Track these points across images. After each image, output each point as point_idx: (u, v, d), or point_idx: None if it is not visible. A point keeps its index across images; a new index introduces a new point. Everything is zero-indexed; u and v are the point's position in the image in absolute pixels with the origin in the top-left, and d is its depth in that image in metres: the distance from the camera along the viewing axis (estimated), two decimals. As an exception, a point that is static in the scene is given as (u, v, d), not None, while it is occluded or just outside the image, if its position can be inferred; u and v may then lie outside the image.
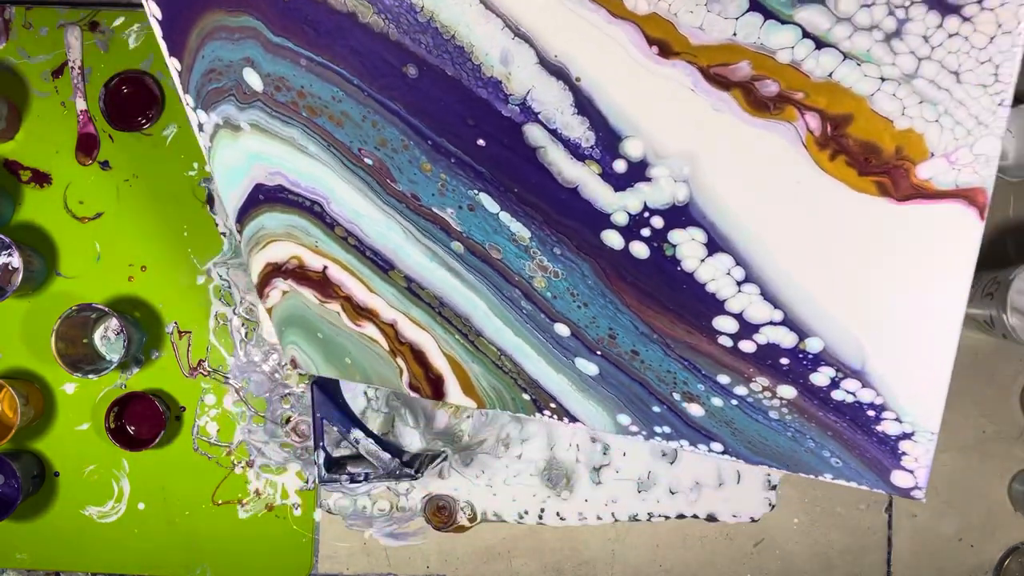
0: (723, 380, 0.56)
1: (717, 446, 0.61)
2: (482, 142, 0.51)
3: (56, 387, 0.86)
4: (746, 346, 0.53)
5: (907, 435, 0.54)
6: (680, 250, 0.51)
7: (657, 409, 0.60)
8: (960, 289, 0.48)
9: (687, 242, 0.50)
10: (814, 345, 0.52)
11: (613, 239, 0.52)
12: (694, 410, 0.59)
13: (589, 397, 0.62)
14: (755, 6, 0.43)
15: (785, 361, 0.53)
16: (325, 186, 0.58)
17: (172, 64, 0.56)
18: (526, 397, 0.64)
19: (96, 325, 0.87)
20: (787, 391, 0.55)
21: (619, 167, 0.49)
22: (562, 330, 0.58)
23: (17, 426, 0.81)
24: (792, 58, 0.44)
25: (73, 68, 0.86)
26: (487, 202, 0.54)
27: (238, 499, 0.86)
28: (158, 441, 0.83)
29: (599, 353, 0.59)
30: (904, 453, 0.54)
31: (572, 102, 0.48)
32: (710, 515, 0.84)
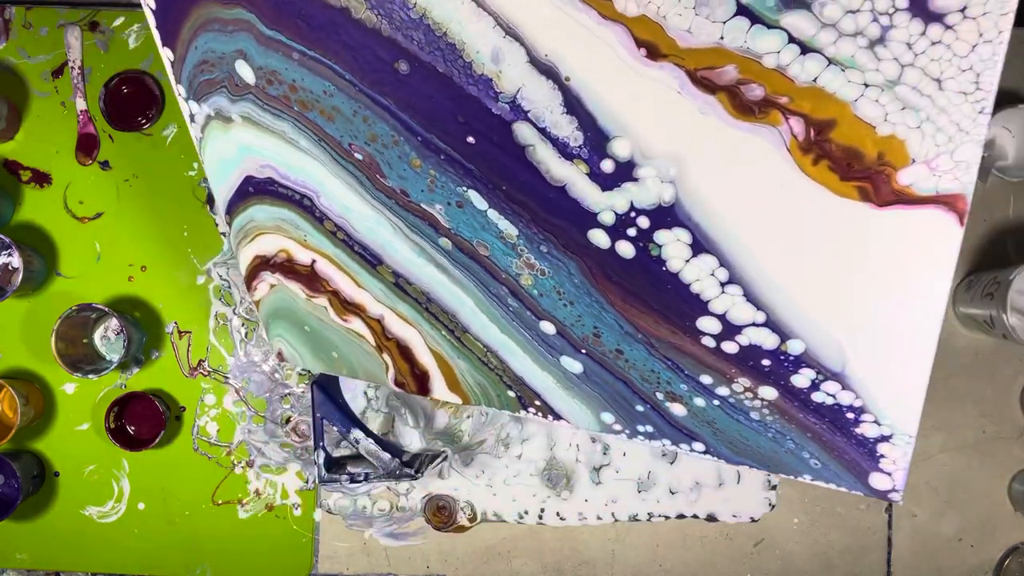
0: (706, 380, 0.57)
1: (699, 446, 0.61)
2: (472, 139, 0.51)
3: (56, 387, 0.86)
4: (729, 347, 0.54)
5: (885, 438, 0.54)
6: (665, 250, 0.51)
7: (640, 408, 0.61)
8: (939, 295, 0.49)
9: (672, 243, 0.51)
10: (795, 347, 0.52)
11: (599, 238, 0.53)
12: (677, 410, 0.59)
13: (573, 395, 0.62)
14: (742, 10, 0.43)
15: (767, 362, 0.54)
16: (315, 180, 0.59)
17: (165, 54, 0.57)
18: (511, 394, 0.65)
19: (96, 325, 0.87)
20: (768, 392, 0.55)
21: (606, 167, 0.50)
22: (548, 328, 0.59)
23: (17, 426, 0.81)
24: (778, 63, 0.44)
25: (73, 68, 0.86)
26: (476, 199, 0.54)
27: (238, 499, 0.86)
28: (158, 441, 0.83)
29: (584, 351, 0.59)
30: (882, 456, 0.55)
31: (561, 101, 0.48)
32: (710, 515, 0.84)
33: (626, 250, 0.52)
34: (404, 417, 0.84)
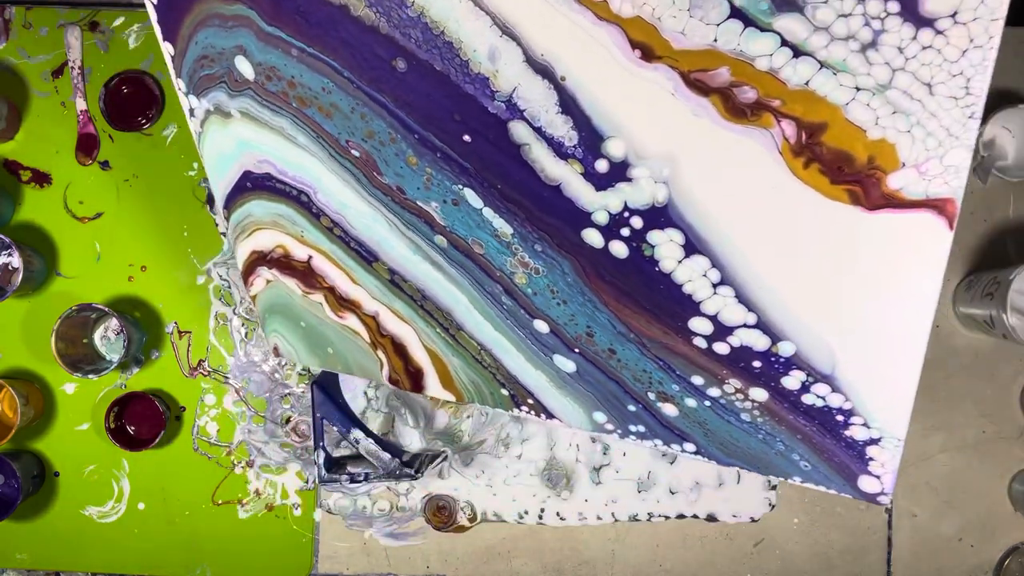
0: (697, 381, 0.57)
1: (690, 446, 0.62)
2: (468, 138, 0.52)
3: (56, 387, 0.86)
4: (720, 348, 0.54)
5: (874, 441, 0.54)
6: (658, 251, 0.52)
7: (632, 408, 0.61)
8: (929, 299, 0.49)
9: (665, 243, 0.51)
10: (786, 349, 0.53)
11: (593, 238, 0.53)
12: (668, 410, 0.60)
13: (566, 394, 0.63)
14: (736, 13, 0.44)
15: (757, 364, 0.54)
16: (312, 176, 0.59)
17: (166, 48, 0.57)
18: (504, 392, 0.65)
19: (96, 325, 0.87)
20: (759, 394, 0.56)
21: (601, 167, 0.50)
22: (541, 327, 0.59)
23: (17, 426, 0.81)
24: (770, 66, 0.45)
25: (73, 68, 0.86)
26: (471, 197, 0.55)
27: (238, 499, 0.86)
28: (158, 441, 0.83)
29: (577, 350, 0.59)
30: (871, 459, 0.55)
31: (556, 101, 0.49)
32: (710, 515, 0.84)
33: (619, 250, 0.53)
34: (404, 417, 0.84)
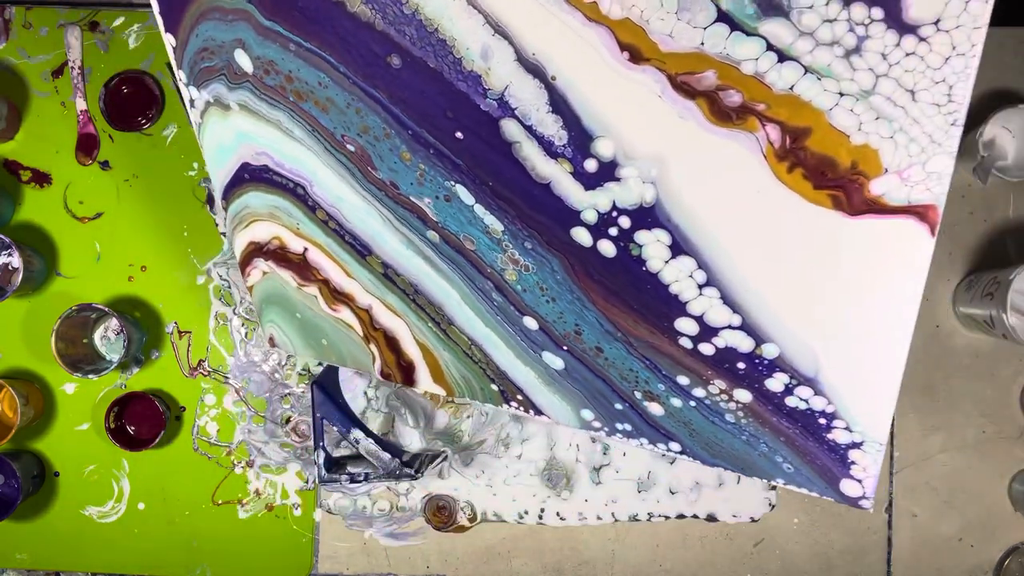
0: (682, 381, 0.57)
1: (675, 446, 0.62)
2: (460, 135, 0.52)
3: (56, 387, 0.86)
4: (705, 349, 0.55)
5: (856, 444, 0.55)
6: (646, 250, 0.52)
7: (619, 406, 0.61)
8: (910, 305, 0.49)
9: (652, 243, 0.52)
10: (770, 351, 0.53)
11: (582, 236, 0.53)
12: (654, 409, 0.60)
13: (555, 391, 0.63)
14: (723, 17, 0.44)
15: (742, 365, 0.54)
16: (308, 169, 0.60)
17: (167, 39, 0.58)
18: (494, 387, 0.66)
19: (96, 325, 0.87)
20: (743, 395, 0.56)
21: (590, 166, 0.51)
22: (530, 323, 0.60)
23: (17, 426, 0.81)
24: (756, 70, 0.45)
25: (73, 68, 0.86)
26: (463, 194, 0.55)
27: (238, 499, 0.86)
28: (158, 441, 0.83)
29: (565, 348, 0.60)
30: (853, 462, 0.56)
31: (547, 100, 0.49)
32: (710, 515, 0.84)
33: (608, 249, 0.53)
34: (404, 417, 0.84)
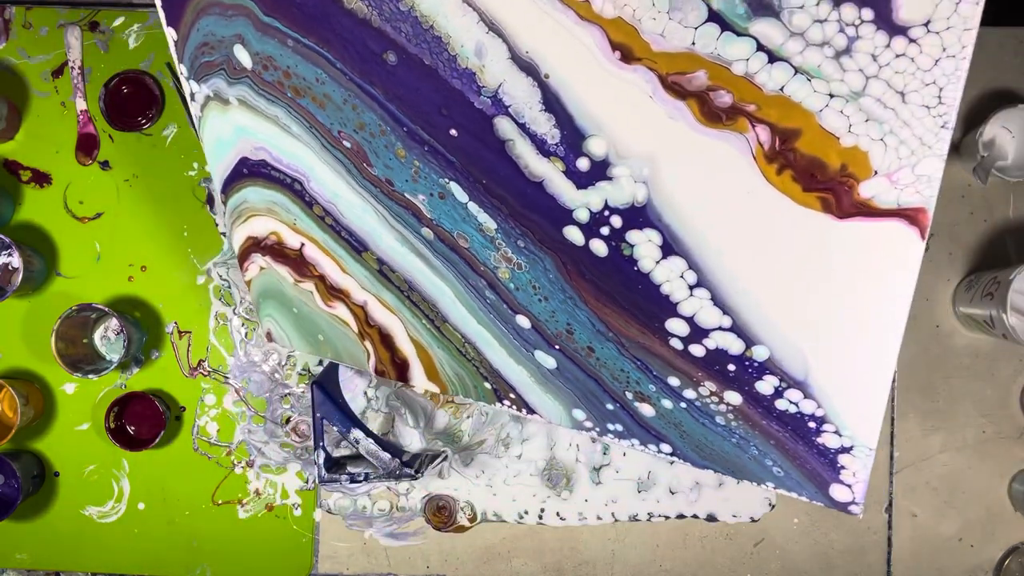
0: (673, 382, 0.58)
1: (666, 447, 0.62)
2: (454, 132, 0.53)
3: (56, 387, 0.86)
4: (696, 350, 0.55)
5: (846, 449, 0.55)
6: (637, 250, 0.52)
7: (611, 407, 0.62)
8: (900, 308, 0.49)
9: (644, 243, 0.52)
10: (760, 353, 0.53)
11: (574, 235, 0.54)
12: (645, 410, 0.60)
13: (547, 390, 0.64)
14: (713, 17, 0.44)
15: (732, 367, 0.55)
16: (305, 165, 0.60)
17: (169, 33, 0.58)
18: (487, 386, 0.66)
19: (96, 325, 0.87)
20: (733, 397, 0.56)
21: (582, 165, 0.51)
22: (523, 322, 0.60)
23: (17, 426, 0.81)
24: (746, 70, 0.45)
25: (73, 68, 0.86)
26: (457, 191, 0.55)
27: (238, 499, 0.86)
28: (158, 441, 0.83)
29: (557, 347, 0.60)
30: (843, 467, 0.56)
31: (540, 98, 0.49)
32: (710, 515, 0.84)
33: (599, 248, 0.53)
34: (404, 417, 0.84)
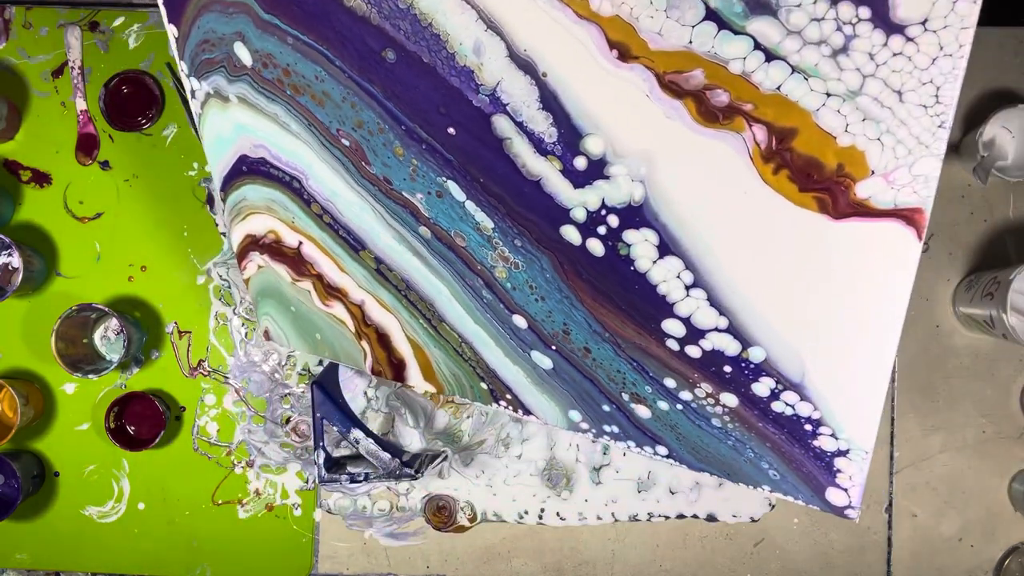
0: (669, 384, 0.57)
1: (662, 449, 0.62)
2: (452, 130, 0.53)
3: (56, 387, 0.86)
4: (692, 351, 0.55)
5: (842, 452, 0.55)
6: (634, 250, 0.52)
7: (607, 408, 0.62)
8: (897, 309, 0.49)
9: (640, 243, 0.52)
10: (756, 355, 0.53)
11: (571, 234, 0.54)
12: (641, 412, 0.60)
13: (543, 391, 0.63)
14: (711, 15, 0.44)
15: (728, 369, 0.54)
16: (304, 163, 0.60)
17: (170, 30, 0.58)
18: (484, 386, 0.66)
19: (96, 325, 0.87)
20: (729, 399, 0.56)
21: (579, 164, 0.51)
22: (520, 322, 0.60)
23: (17, 426, 0.81)
24: (743, 69, 0.45)
25: (73, 68, 0.86)
26: (454, 190, 0.55)
27: (238, 499, 0.86)
28: (158, 441, 0.83)
29: (554, 347, 0.60)
30: (839, 471, 0.56)
31: (538, 97, 0.49)
32: (710, 515, 0.84)
33: (596, 248, 0.53)
34: (404, 417, 0.84)
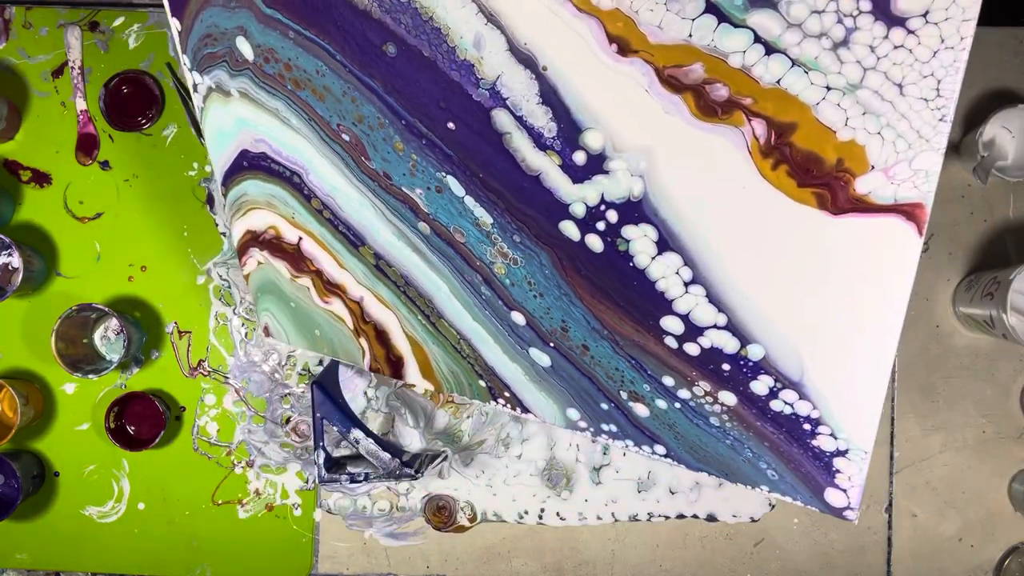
0: (668, 382, 0.57)
1: (660, 448, 0.62)
2: (452, 125, 0.53)
3: (56, 387, 0.86)
4: (691, 348, 0.55)
5: (841, 452, 0.54)
6: (633, 246, 0.52)
7: (605, 406, 0.61)
8: (898, 306, 0.48)
9: (639, 238, 0.52)
10: (755, 352, 0.53)
11: (570, 230, 0.54)
12: (640, 410, 0.60)
13: (541, 388, 0.63)
14: (711, 8, 0.44)
15: (727, 367, 0.54)
16: (305, 158, 0.60)
17: (173, 24, 0.59)
18: (482, 384, 0.66)
19: (96, 325, 0.87)
20: (728, 397, 0.56)
21: (579, 159, 0.51)
22: (518, 319, 0.60)
23: (17, 426, 0.81)
24: (743, 63, 0.45)
25: (73, 68, 0.86)
26: (454, 185, 0.55)
27: (238, 499, 0.86)
28: (158, 441, 0.83)
29: (552, 345, 0.60)
30: (838, 471, 0.55)
31: (537, 91, 0.49)
32: (710, 515, 0.84)
33: (595, 243, 0.53)
34: (404, 417, 0.84)
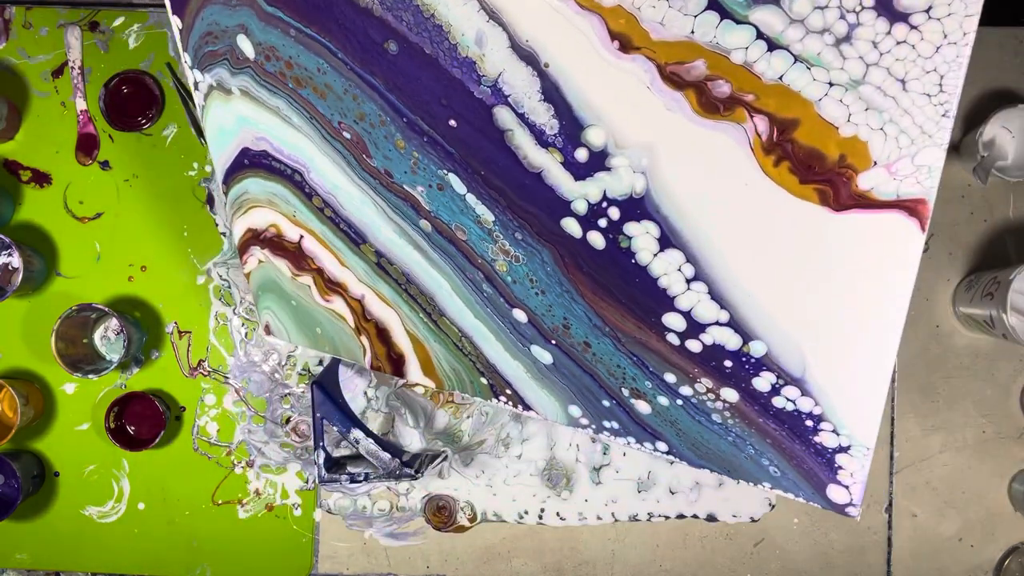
0: (669, 379, 0.57)
1: (662, 445, 0.62)
2: (454, 122, 0.53)
3: (56, 387, 0.86)
4: (692, 345, 0.54)
5: (843, 448, 0.54)
6: (635, 242, 0.52)
7: (607, 403, 0.61)
8: (900, 302, 0.48)
9: (642, 235, 0.52)
10: (757, 349, 0.53)
11: (572, 227, 0.53)
12: (641, 407, 0.60)
13: (543, 385, 0.63)
14: (713, 4, 0.44)
15: (729, 364, 0.54)
16: (306, 156, 0.60)
17: (174, 22, 0.59)
18: (484, 381, 0.66)
19: (96, 325, 0.87)
20: (730, 394, 0.56)
21: (580, 156, 0.50)
22: (520, 316, 0.60)
23: (17, 426, 0.81)
24: (745, 59, 0.45)
25: (73, 68, 0.86)
26: (455, 183, 0.55)
27: (238, 499, 0.86)
28: (158, 441, 0.83)
29: (554, 342, 0.60)
30: (840, 467, 0.55)
31: (539, 88, 0.49)
32: (710, 515, 0.84)
33: (597, 240, 0.53)
34: (404, 417, 0.84)
